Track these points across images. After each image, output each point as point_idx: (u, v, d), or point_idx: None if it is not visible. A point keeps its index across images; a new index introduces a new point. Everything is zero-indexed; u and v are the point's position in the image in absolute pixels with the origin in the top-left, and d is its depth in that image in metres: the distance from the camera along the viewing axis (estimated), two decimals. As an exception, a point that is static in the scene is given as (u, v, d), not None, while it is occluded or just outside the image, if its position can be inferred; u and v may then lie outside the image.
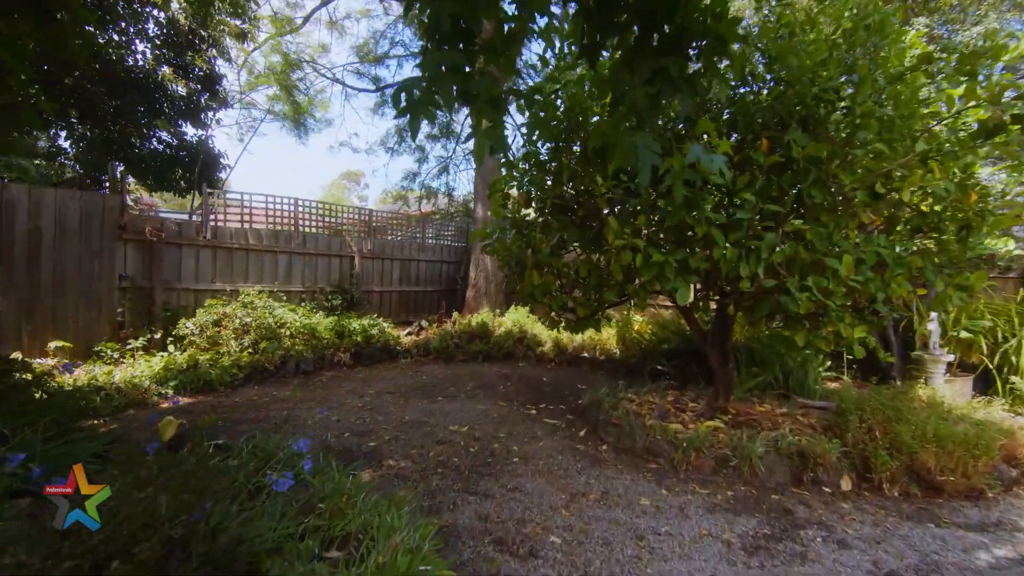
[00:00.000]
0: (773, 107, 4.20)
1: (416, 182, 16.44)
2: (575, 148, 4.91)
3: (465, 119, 14.85)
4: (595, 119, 4.64)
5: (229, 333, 7.80)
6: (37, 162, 10.54)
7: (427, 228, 13.49)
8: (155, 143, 10.61)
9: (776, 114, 4.20)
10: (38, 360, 6.84)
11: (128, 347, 7.35)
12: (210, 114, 11.11)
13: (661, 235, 4.29)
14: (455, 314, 11.19)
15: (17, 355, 6.15)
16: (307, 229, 10.86)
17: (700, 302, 5.08)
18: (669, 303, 6.43)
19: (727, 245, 3.91)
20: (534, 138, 5.11)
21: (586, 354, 9.50)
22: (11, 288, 6.81)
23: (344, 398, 6.68)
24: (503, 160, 6.30)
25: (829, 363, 7.20)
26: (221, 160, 12.22)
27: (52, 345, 6.97)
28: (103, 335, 7.55)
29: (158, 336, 7.71)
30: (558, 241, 5.05)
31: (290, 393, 6.88)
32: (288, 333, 8.44)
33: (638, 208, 4.34)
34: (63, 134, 9.73)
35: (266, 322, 8.22)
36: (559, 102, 4.85)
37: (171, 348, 7.48)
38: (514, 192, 5.59)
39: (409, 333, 10.55)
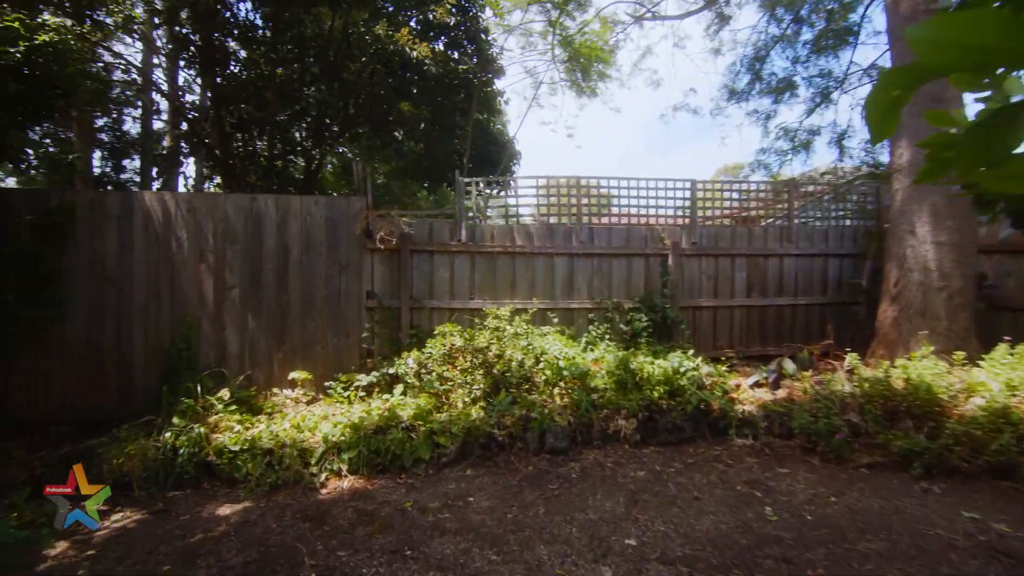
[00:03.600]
0: None
1: (780, 136, 11.16)
2: None
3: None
4: None
5: (457, 374, 5.38)
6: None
7: (795, 203, 8.33)
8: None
9: None
10: (286, 391, 5.97)
11: (357, 383, 5.81)
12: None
13: None
14: (850, 354, 5.93)
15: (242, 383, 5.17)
16: (593, 219, 7.78)
17: None
18: None
19: None
20: None
21: None
22: (261, 311, 6.16)
23: (580, 538, 3.14)
24: None
25: None
26: (510, 143, 10.39)
27: (291, 375, 6.01)
28: (351, 363, 6.30)
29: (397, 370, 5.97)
30: None
31: (510, 496, 3.84)
32: (543, 377, 5.47)
33: None
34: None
35: (513, 358, 5.47)
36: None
37: (398, 389, 5.57)
38: None
39: (757, 384, 6.05)
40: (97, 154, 13.71)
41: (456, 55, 8.80)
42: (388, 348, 6.36)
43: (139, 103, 13.65)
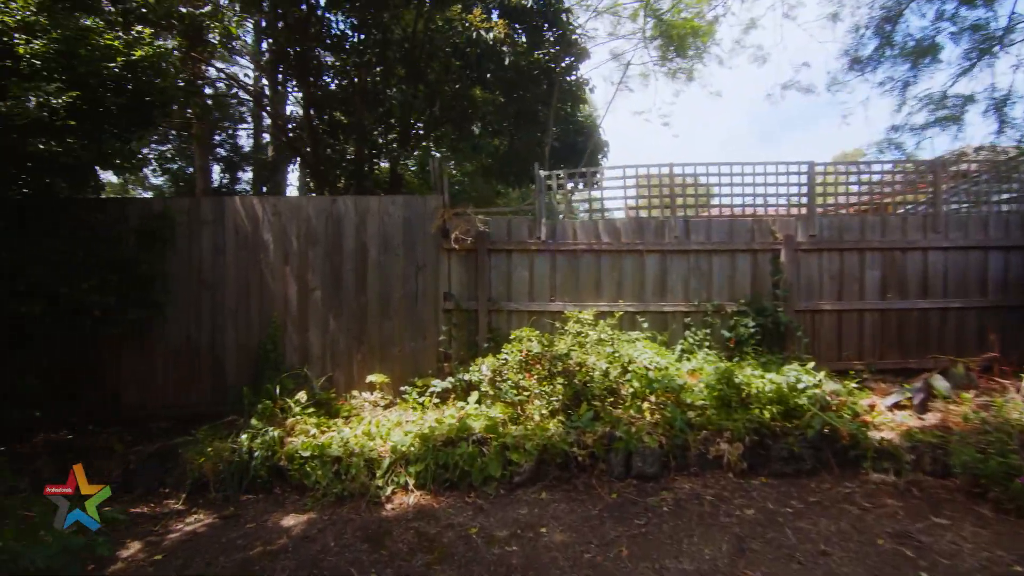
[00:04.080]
0: None
1: (920, 107, 9.44)
2: None
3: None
4: None
5: (534, 384, 4.93)
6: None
7: (942, 185, 6.89)
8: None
9: None
10: (365, 394, 5.90)
11: (432, 389, 5.56)
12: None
13: None
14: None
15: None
16: (690, 211, 6.96)
17: None
18: None
19: None
20: None
21: None
22: (342, 312, 6.13)
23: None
24: None
25: None
26: (596, 132, 9.72)
27: (369, 378, 5.91)
28: (427, 367, 6.09)
29: (471, 377, 5.66)
30: None
31: (589, 530, 3.36)
32: (631, 390, 4.86)
33: None
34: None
35: (596, 367, 4.92)
36: None
37: (473, 397, 5.24)
38: None
39: (897, 406, 4.97)
40: (217, 168, 15.04)
41: (535, 41, 8.34)
42: (465, 352, 6.07)
43: (249, 118, 14.77)
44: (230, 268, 6.05)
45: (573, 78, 9.71)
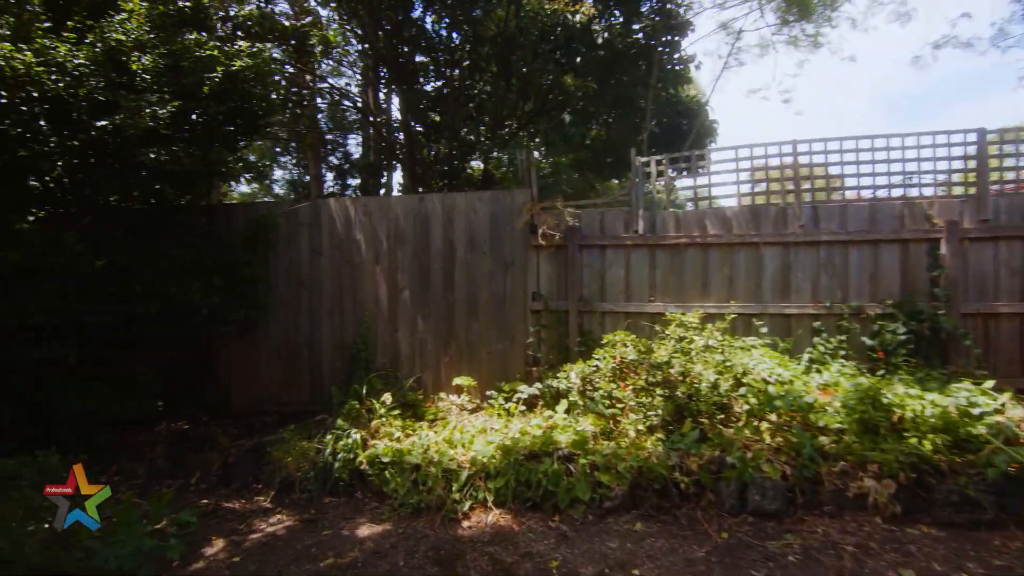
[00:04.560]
0: None
1: None
2: None
3: None
4: None
5: (629, 395, 4.39)
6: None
7: None
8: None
9: None
10: (452, 397, 5.74)
11: (519, 395, 5.22)
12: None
13: None
14: None
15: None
16: (820, 196, 5.93)
17: None
18: None
19: None
20: None
21: None
22: (430, 312, 6.01)
23: None
24: None
25: None
26: (703, 112, 8.75)
27: (456, 381, 5.72)
28: (515, 370, 5.78)
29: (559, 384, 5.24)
30: None
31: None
32: (745, 407, 4.15)
33: None
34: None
35: (703, 378, 4.28)
36: None
37: (561, 405, 4.82)
38: None
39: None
40: (330, 175, 16.05)
41: (631, 17, 7.66)
42: (555, 356, 5.67)
43: (356, 127, 15.55)
44: (325, 269, 6.19)
45: (675, 55, 8.86)
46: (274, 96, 5.88)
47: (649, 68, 8.38)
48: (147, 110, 4.29)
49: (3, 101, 3.99)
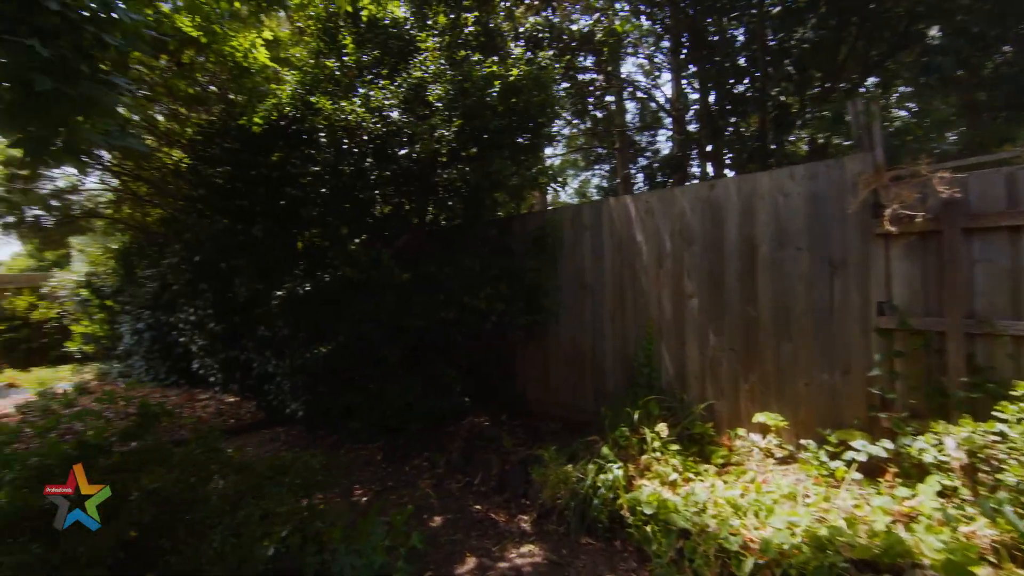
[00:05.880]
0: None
1: None
2: None
3: None
4: None
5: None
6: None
7: None
8: None
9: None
10: (753, 436, 4.52)
11: (854, 453, 3.61)
12: None
13: None
14: None
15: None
16: None
17: None
18: None
19: None
20: None
21: None
22: (723, 326, 4.87)
23: None
24: None
25: None
26: None
27: (758, 417, 4.44)
28: (850, 414, 4.12)
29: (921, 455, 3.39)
30: None
31: None
32: None
33: None
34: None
35: None
36: None
37: (929, 485, 3.07)
38: None
39: None
40: (640, 176, 15.88)
41: None
42: (920, 400, 3.76)
43: (662, 124, 14.82)
44: (607, 272, 5.76)
45: None
46: (558, 99, 5.71)
47: None
48: (436, 134, 4.65)
49: (344, 147, 4.93)
